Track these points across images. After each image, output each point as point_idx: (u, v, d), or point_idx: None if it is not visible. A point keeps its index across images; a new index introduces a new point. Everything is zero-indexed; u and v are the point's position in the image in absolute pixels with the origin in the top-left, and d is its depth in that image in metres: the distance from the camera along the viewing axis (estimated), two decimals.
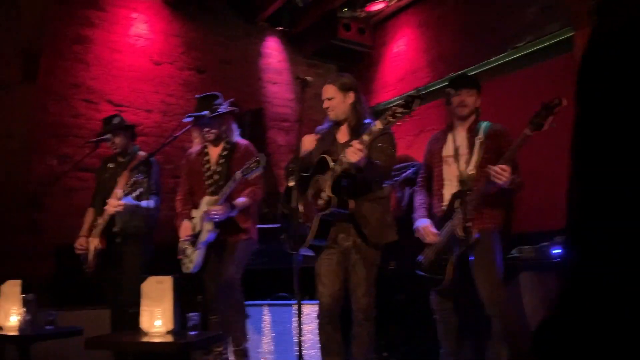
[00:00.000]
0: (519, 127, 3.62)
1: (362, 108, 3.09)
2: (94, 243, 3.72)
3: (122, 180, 3.73)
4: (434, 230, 3.12)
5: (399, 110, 2.55)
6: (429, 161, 3.37)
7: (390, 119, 2.58)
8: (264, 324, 4.00)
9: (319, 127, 3.24)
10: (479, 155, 3.08)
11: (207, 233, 3.32)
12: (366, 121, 3.03)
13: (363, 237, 2.91)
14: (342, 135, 3.10)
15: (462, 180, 2.97)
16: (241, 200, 3.40)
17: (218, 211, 3.25)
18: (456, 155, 3.15)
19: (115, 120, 3.96)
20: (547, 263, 3.08)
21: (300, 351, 2.30)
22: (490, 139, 3.08)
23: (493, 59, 4.77)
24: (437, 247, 3.10)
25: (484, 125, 3.17)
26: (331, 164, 2.80)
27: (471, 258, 2.94)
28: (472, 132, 3.17)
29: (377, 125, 2.64)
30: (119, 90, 5.39)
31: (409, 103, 2.54)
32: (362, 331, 2.92)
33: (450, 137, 3.25)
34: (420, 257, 3.21)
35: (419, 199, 3.35)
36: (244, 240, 3.50)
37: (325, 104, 3.03)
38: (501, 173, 2.78)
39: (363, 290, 2.89)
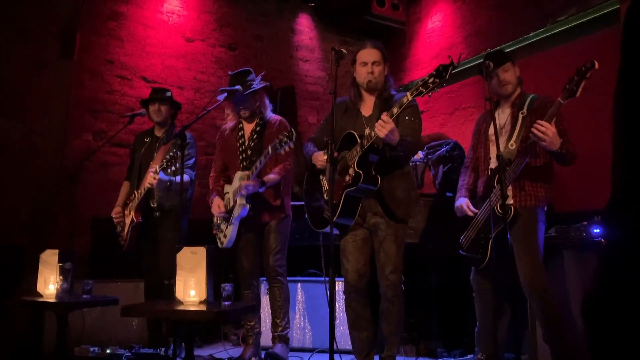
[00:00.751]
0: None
1: (390, 84, 3.03)
2: (130, 217, 3.78)
3: (159, 155, 3.78)
4: (471, 207, 3.06)
5: (431, 80, 2.46)
6: (476, 140, 3.29)
7: (422, 90, 2.48)
8: (296, 300, 4.02)
9: (340, 99, 3.13)
10: (520, 129, 2.98)
11: (240, 208, 3.32)
12: (395, 94, 2.97)
13: (390, 213, 2.84)
14: (367, 108, 3.01)
15: (502, 156, 2.83)
16: (271, 176, 3.38)
17: (248, 185, 3.23)
18: (500, 131, 3.07)
19: (168, 94, 4.06)
20: (587, 242, 2.98)
21: (332, 327, 2.26)
22: (534, 113, 2.97)
23: (532, 34, 4.61)
24: (477, 226, 3.04)
25: (529, 98, 3.06)
26: (358, 139, 2.74)
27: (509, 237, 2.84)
28: (516, 107, 3.07)
29: (407, 97, 2.55)
30: (152, 67, 5.42)
31: (442, 72, 2.44)
32: (392, 308, 2.86)
33: (495, 115, 3.16)
34: (462, 237, 3.15)
35: (461, 180, 3.28)
36: (282, 218, 3.48)
37: (369, 69, 2.92)
38: (544, 130, 2.66)
39: (392, 267, 2.82)
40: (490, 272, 3.09)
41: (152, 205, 3.79)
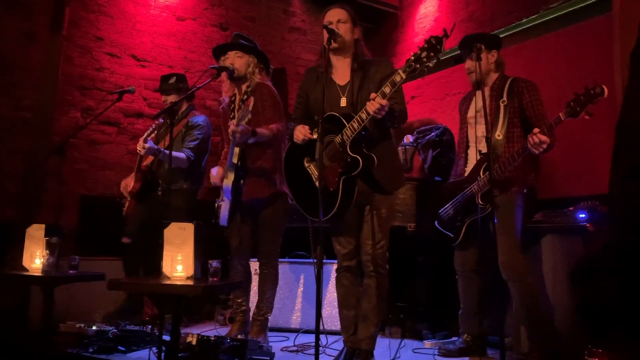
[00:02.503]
0: (550, 92, 3.53)
1: (364, 49, 2.84)
2: (128, 184, 3.85)
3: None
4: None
5: (424, 54, 2.34)
6: (460, 123, 3.32)
7: (416, 66, 2.36)
8: (286, 281, 4.03)
9: (309, 68, 3.01)
10: (504, 119, 3.02)
11: (224, 185, 3.29)
12: (370, 59, 2.84)
13: (378, 187, 2.71)
14: (340, 76, 2.83)
15: (490, 146, 2.82)
16: (263, 130, 3.26)
17: (237, 131, 3.10)
18: (477, 116, 3.10)
19: (171, 80, 4.04)
20: (572, 227, 3.01)
21: (318, 308, 2.23)
22: (515, 98, 3.03)
23: (525, 20, 4.60)
24: (457, 206, 3.12)
25: (508, 82, 3.09)
26: (345, 122, 2.58)
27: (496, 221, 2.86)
28: (496, 91, 3.09)
29: (401, 75, 2.42)
30: (142, 45, 5.36)
31: (435, 45, 2.31)
32: (372, 283, 2.72)
33: (475, 98, 3.19)
34: (442, 211, 3.23)
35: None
36: (276, 198, 3.37)
37: (334, 26, 2.71)
38: (539, 145, 2.72)
39: (374, 240, 2.70)
40: (474, 252, 3.16)
41: (159, 182, 3.85)
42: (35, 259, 3.00)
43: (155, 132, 3.82)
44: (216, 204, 3.43)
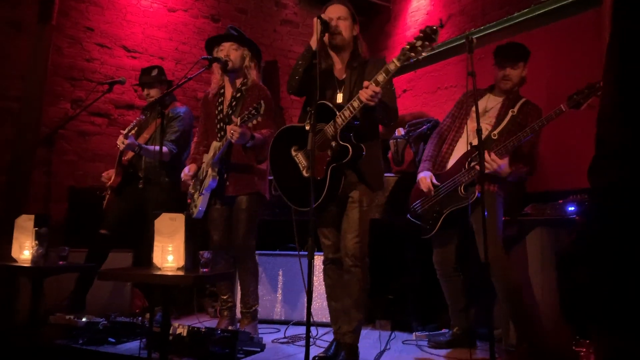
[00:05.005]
0: (540, 87, 3.56)
1: (362, 47, 2.85)
2: (109, 174, 3.84)
3: (150, 128, 3.88)
4: (434, 181, 3.11)
5: (419, 43, 2.34)
6: (456, 112, 3.32)
7: (411, 54, 2.36)
8: (276, 274, 4.03)
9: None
10: (506, 126, 3.06)
11: (210, 179, 3.27)
12: (368, 58, 2.84)
13: (366, 183, 2.71)
14: (339, 70, 2.83)
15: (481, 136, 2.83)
16: (258, 135, 3.24)
17: (235, 131, 3.04)
18: (483, 113, 3.11)
19: (153, 73, 3.96)
20: (561, 219, 3.03)
21: (309, 300, 2.22)
22: (522, 116, 3.07)
23: (516, 14, 4.62)
24: (436, 198, 3.12)
25: (522, 100, 3.13)
26: (336, 110, 2.58)
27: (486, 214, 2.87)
28: (509, 102, 3.13)
29: (395, 63, 2.43)
30: (133, 36, 5.32)
31: (430, 34, 2.33)
32: (352, 278, 2.69)
33: (487, 97, 3.20)
34: (417, 204, 3.22)
35: (429, 150, 3.31)
36: (252, 194, 3.35)
37: (335, 23, 2.72)
38: (490, 162, 2.85)
39: (352, 234, 2.67)
40: (451, 250, 3.21)
41: (140, 175, 3.80)
42: (24, 250, 2.97)
43: (136, 128, 3.77)
44: (188, 199, 3.43)
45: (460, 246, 3.25)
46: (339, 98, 2.77)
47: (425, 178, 3.13)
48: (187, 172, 3.41)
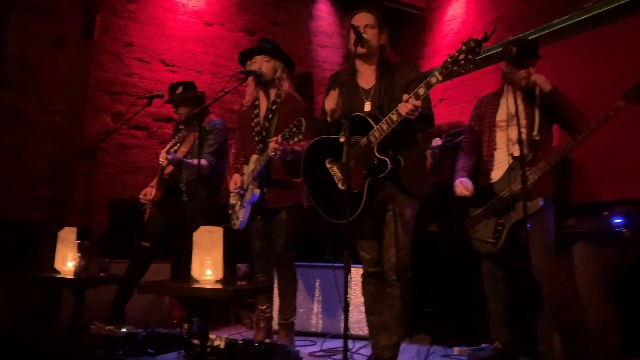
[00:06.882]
0: (581, 95, 3.44)
1: (389, 55, 2.81)
2: (149, 192, 3.89)
3: (188, 141, 3.92)
4: (470, 186, 3.02)
5: (462, 56, 2.28)
6: (477, 126, 3.25)
7: (453, 68, 2.30)
8: (313, 285, 4.01)
9: (332, 74, 2.98)
10: (540, 120, 2.97)
11: (251, 192, 3.29)
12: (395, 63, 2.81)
13: (402, 189, 2.64)
14: (365, 80, 2.80)
15: (524, 145, 2.75)
16: (298, 148, 3.21)
17: (277, 149, 3.07)
18: (510, 119, 3.04)
19: (178, 90, 3.98)
20: (606, 233, 2.92)
21: (346, 313, 2.19)
22: (545, 100, 2.97)
23: (555, 21, 4.52)
24: (493, 211, 3.01)
25: (537, 89, 3.02)
26: (373, 123, 2.53)
27: (528, 225, 2.78)
28: (528, 96, 3.04)
29: (437, 76, 2.37)
30: (171, 50, 5.43)
31: (474, 47, 2.25)
32: (393, 292, 2.64)
33: (503, 102, 3.12)
34: (471, 221, 3.13)
35: (461, 163, 3.23)
36: (292, 207, 3.36)
37: (362, 30, 2.66)
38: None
39: (396, 248, 2.63)
40: (502, 259, 3.08)
41: (181, 188, 3.87)
42: (67, 262, 3.05)
43: (178, 144, 3.83)
44: (230, 210, 3.45)
45: (508, 257, 3.15)
46: (367, 107, 2.73)
47: (462, 182, 3.05)
48: (235, 185, 3.43)
